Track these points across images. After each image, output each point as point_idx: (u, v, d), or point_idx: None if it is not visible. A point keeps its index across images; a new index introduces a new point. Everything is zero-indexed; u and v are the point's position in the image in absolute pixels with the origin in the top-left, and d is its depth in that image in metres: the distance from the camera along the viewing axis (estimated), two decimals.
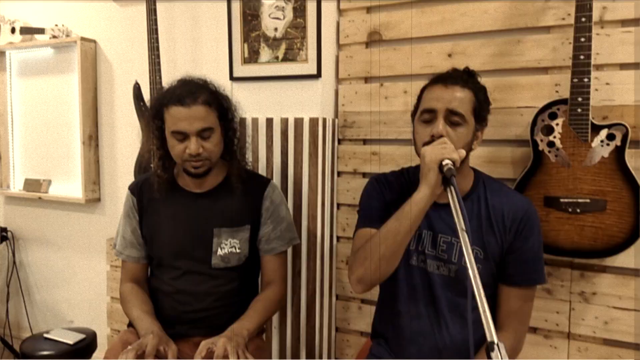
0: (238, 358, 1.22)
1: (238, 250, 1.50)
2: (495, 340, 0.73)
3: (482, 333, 1.29)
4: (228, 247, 1.50)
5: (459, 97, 1.24)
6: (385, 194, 1.36)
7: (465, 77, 1.29)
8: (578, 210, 1.47)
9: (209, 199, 1.52)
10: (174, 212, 1.52)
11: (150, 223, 1.54)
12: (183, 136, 1.38)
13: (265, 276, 1.56)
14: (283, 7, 1.82)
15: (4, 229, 2.78)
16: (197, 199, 1.52)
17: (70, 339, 2.00)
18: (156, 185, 1.51)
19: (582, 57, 1.43)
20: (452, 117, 1.23)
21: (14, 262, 2.79)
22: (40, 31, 2.54)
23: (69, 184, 2.65)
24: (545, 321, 1.65)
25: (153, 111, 1.46)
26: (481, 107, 1.29)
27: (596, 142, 1.45)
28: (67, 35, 2.50)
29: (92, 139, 2.54)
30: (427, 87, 1.33)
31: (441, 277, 1.29)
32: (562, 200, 1.48)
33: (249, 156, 1.87)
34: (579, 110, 1.45)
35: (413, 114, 1.36)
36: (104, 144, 2.54)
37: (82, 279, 2.68)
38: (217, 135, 1.43)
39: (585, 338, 1.61)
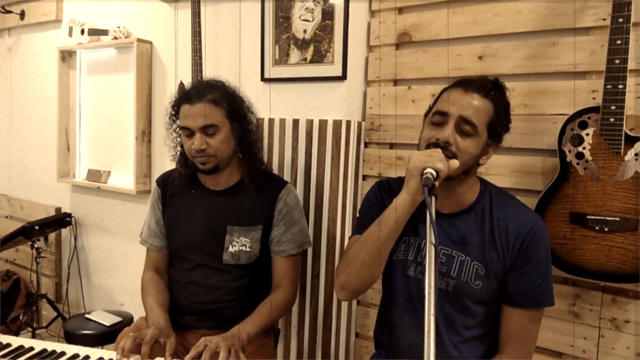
0: (229, 354, 1.23)
1: (249, 249, 1.53)
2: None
3: (481, 353, 1.23)
4: (239, 245, 1.53)
5: (476, 106, 1.16)
6: (386, 200, 1.31)
7: (488, 87, 1.20)
8: (606, 229, 1.34)
9: (224, 197, 1.56)
10: (191, 207, 1.58)
11: (170, 215, 1.62)
12: (189, 132, 1.45)
13: (274, 278, 1.58)
14: (312, 9, 1.82)
15: (69, 215, 3.02)
16: (213, 196, 1.57)
17: (108, 320, 2.14)
18: (176, 180, 1.59)
19: (617, 61, 1.30)
20: (464, 126, 1.15)
21: (75, 246, 3.02)
22: (105, 32, 2.73)
23: (124, 176, 2.83)
24: (571, 346, 1.53)
25: (173, 111, 1.53)
26: (498, 123, 1.19)
27: (629, 155, 1.31)
28: (127, 37, 2.67)
29: (145, 134, 2.69)
30: (447, 89, 1.25)
31: (439, 290, 1.23)
32: (589, 217, 1.36)
33: (275, 156, 1.91)
34: (612, 119, 1.32)
35: (426, 114, 1.28)
36: (155, 140, 2.69)
37: (133, 266, 2.85)
38: (224, 133, 1.46)
39: None
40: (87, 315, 2.19)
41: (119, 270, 2.90)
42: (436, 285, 0.84)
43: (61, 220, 2.98)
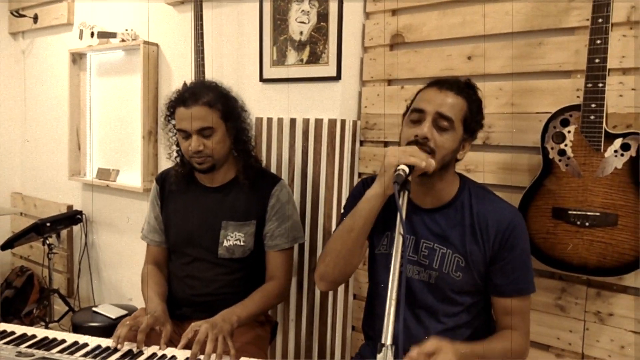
0: (217, 343, 1.28)
1: (243, 243, 1.59)
2: (387, 343, 0.74)
3: (465, 339, 1.28)
4: (233, 239, 1.59)
5: (450, 102, 1.22)
6: None
7: (461, 86, 1.27)
8: (587, 224, 1.37)
9: (219, 194, 1.63)
10: (188, 203, 1.65)
11: (168, 211, 1.69)
12: (186, 134, 1.51)
13: (268, 271, 1.64)
14: (308, 12, 1.88)
15: (80, 212, 3.12)
16: (209, 193, 1.64)
17: (114, 313, 2.23)
18: (173, 178, 1.66)
19: (597, 60, 1.34)
20: (440, 122, 1.21)
21: (86, 243, 3.12)
22: (113, 35, 2.82)
23: (132, 174, 2.92)
24: (558, 339, 1.56)
25: (168, 112, 1.59)
26: (472, 119, 1.26)
27: (609, 152, 1.35)
28: (134, 39, 2.75)
29: (152, 134, 2.77)
30: (422, 89, 1.32)
31: (421, 282, 1.29)
32: (570, 212, 1.40)
33: (273, 154, 1.98)
34: (592, 117, 1.35)
35: (404, 114, 1.34)
36: (162, 139, 2.76)
37: (141, 261, 2.91)
38: (220, 134, 1.53)
39: None
40: (94, 309, 2.28)
41: (127, 265, 2.99)
42: (403, 274, 0.89)
43: (72, 217, 3.08)
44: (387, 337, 0.77)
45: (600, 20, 1.32)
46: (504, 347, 1.20)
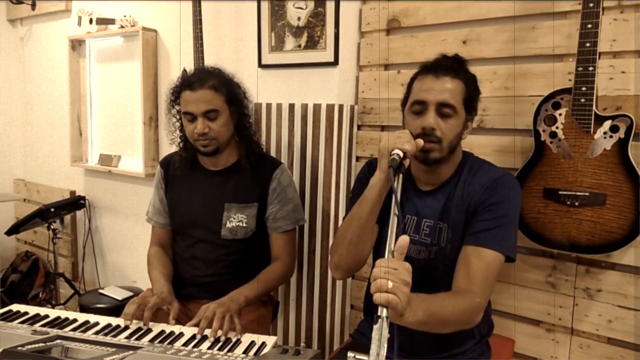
0: (224, 320, 1.34)
1: (245, 225, 1.65)
2: (383, 315, 0.79)
3: None
4: (236, 221, 1.65)
5: (450, 89, 1.24)
6: None
7: (455, 67, 1.28)
8: (576, 204, 1.42)
9: (222, 177, 1.68)
10: (192, 186, 1.70)
11: (172, 194, 1.74)
12: (192, 117, 1.55)
13: (272, 252, 1.70)
14: None
15: (83, 198, 3.16)
16: (212, 176, 1.69)
17: (120, 295, 2.29)
18: (177, 162, 1.71)
19: (587, 44, 1.37)
20: (443, 109, 1.23)
21: (90, 227, 3.17)
22: (112, 22, 2.83)
23: (133, 160, 2.96)
24: (548, 314, 1.63)
25: (172, 97, 1.63)
26: (471, 97, 1.29)
27: (599, 133, 1.39)
28: (133, 26, 2.77)
29: (152, 120, 2.80)
30: (418, 76, 1.33)
31: (421, 261, 1.33)
32: (561, 192, 1.45)
33: (272, 139, 2.02)
34: (583, 100, 1.40)
35: (403, 104, 1.38)
36: (162, 125, 2.80)
37: (144, 244, 2.96)
38: (224, 117, 1.57)
39: (589, 335, 1.57)
40: (100, 291, 2.34)
41: (130, 249, 3.05)
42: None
43: (75, 202, 3.12)
44: (383, 309, 0.82)
45: (591, 4, 1.36)
46: (455, 304, 1.12)
